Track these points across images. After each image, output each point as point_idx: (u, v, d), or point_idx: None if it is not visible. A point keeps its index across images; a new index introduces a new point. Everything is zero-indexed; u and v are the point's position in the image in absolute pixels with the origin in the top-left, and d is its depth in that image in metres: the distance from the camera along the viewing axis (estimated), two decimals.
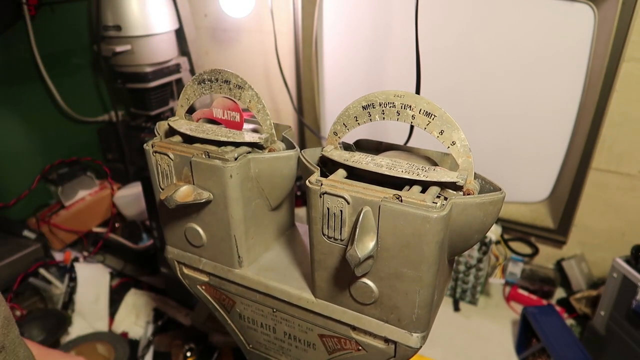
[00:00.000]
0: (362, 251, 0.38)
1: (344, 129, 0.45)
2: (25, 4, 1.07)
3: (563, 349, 0.82)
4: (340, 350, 0.50)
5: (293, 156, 0.49)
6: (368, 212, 0.38)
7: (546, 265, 1.13)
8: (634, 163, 0.93)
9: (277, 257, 0.55)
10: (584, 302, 0.98)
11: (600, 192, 0.99)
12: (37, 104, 1.18)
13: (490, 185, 0.41)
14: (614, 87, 0.88)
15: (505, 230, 1.13)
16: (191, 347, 0.90)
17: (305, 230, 0.61)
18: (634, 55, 0.85)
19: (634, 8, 0.81)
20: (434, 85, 1.04)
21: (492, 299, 1.08)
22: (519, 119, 1.04)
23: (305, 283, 0.50)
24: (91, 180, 1.27)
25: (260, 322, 0.56)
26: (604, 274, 0.93)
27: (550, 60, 0.96)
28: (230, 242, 0.51)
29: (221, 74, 0.50)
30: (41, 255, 1.06)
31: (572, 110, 0.98)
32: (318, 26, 1.18)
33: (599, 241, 1.05)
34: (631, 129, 0.91)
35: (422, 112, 0.40)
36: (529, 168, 1.09)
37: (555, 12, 0.92)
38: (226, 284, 0.55)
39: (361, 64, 1.18)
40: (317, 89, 1.26)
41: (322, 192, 0.40)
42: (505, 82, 1.02)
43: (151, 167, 0.52)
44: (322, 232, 0.42)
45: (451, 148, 0.40)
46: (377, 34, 1.12)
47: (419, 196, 0.37)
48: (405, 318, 0.43)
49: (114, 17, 1.13)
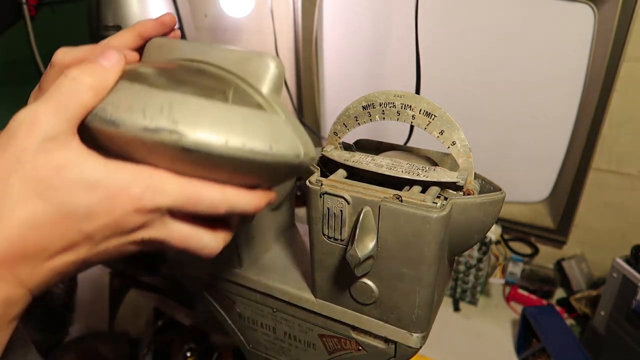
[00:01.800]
0: (362, 251, 0.38)
1: (344, 129, 0.45)
2: (25, 4, 1.07)
3: (563, 349, 0.82)
4: (340, 350, 0.50)
5: None
6: (368, 212, 0.38)
7: (546, 265, 1.13)
8: (634, 163, 0.93)
9: (277, 257, 0.55)
10: (584, 302, 0.98)
11: (600, 192, 0.99)
12: None
13: (490, 185, 0.41)
14: (614, 87, 0.88)
15: (505, 230, 1.13)
16: (191, 347, 0.90)
17: (306, 230, 0.61)
18: (634, 55, 0.85)
19: (634, 8, 0.81)
20: (434, 85, 1.04)
21: (492, 299, 1.08)
22: (519, 119, 1.04)
23: (305, 283, 0.50)
24: None
25: (260, 322, 0.56)
26: (604, 274, 0.93)
27: (550, 60, 0.96)
28: (230, 242, 0.51)
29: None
30: None
31: (572, 110, 0.98)
32: (318, 26, 1.18)
33: (599, 241, 1.05)
34: (631, 129, 0.91)
35: (422, 112, 0.40)
36: (529, 168, 1.09)
37: (555, 12, 0.92)
38: (226, 284, 0.55)
39: (361, 63, 1.18)
40: (317, 89, 1.26)
41: (322, 192, 0.40)
42: (505, 82, 1.02)
43: None
44: (322, 232, 0.42)
45: (451, 148, 0.40)
46: (377, 34, 1.12)
47: (419, 196, 0.37)
48: (405, 318, 0.43)
49: (114, 17, 1.13)
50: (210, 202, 0.28)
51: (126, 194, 0.27)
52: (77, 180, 0.26)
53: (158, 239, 0.29)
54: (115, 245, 0.28)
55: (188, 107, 0.26)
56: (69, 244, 0.27)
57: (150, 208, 0.27)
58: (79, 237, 0.27)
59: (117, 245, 0.28)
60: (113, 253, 0.29)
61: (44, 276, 0.27)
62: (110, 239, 0.28)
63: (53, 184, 0.26)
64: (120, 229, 0.27)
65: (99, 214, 0.26)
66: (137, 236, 0.29)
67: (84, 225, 0.27)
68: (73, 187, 0.26)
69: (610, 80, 0.88)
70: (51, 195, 0.26)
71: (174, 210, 0.28)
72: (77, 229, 0.26)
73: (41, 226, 0.26)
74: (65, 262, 0.27)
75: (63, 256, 0.27)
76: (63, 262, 0.27)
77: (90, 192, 0.26)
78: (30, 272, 0.27)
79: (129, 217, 0.27)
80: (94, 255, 0.28)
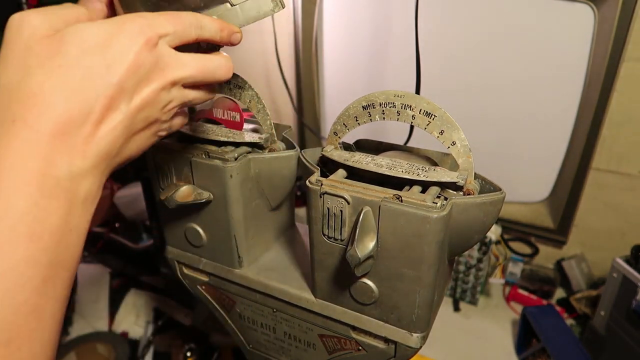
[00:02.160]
0: (362, 251, 0.38)
1: (344, 129, 0.45)
2: (25, 4, 1.07)
3: (563, 349, 0.82)
4: (340, 350, 0.50)
5: (293, 156, 0.49)
6: (368, 212, 0.38)
7: (546, 265, 1.13)
8: (634, 163, 0.93)
9: (277, 257, 0.55)
10: (584, 302, 0.98)
11: (600, 192, 0.99)
12: None
13: (490, 185, 0.41)
14: (614, 87, 0.88)
15: (505, 230, 1.13)
16: (191, 347, 0.90)
17: (306, 230, 0.61)
18: (634, 55, 0.85)
19: (634, 8, 0.81)
20: (434, 85, 1.04)
21: (492, 299, 1.08)
22: (519, 118, 1.04)
23: (305, 283, 0.50)
24: None
25: (260, 322, 0.56)
26: (604, 274, 0.93)
27: (550, 60, 0.96)
28: (230, 242, 0.51)
29: None
30: None
31: (572, 110, 0.98)
32: (318, 26, 1.18)
33: (599, 241, 1.05)
34: (631, 129, 0.91)
35: (422, 112, 0.40)
36: (529, 168, 1.09)
37: (555, 12, 0.92)
38: (226, 284, 0.55)
39: (361, 63, 1.19)
40: (317, 89, 1.26)
41: (322, 192, 0.40)
42: (505, 82, 1.02)
43: (150, 166, 0.52)
44: (322, 232, 0.42)
45: (451, 148, 0.40)
46: (377, 34, 1.12)
47: (419, 196, 0.37)
48: (405, 318, 0.43)
49: None
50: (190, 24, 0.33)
51: (129, 36, 0.29)
52: (84, 40, 0.29)
53: (180, 76, 0.32)
54: (148, 94, 0.31)
55: None
56: (106, 101, 0.29)
57: (150, 36, 0.30)
58: (112, 90, 0.29)
59: (150, 94, 0.31)
60: (151, 114, 0.32)
61: (100, 143, 0.30)
62: (140, 86, 0.30)
63: (67, 51, 0.29)
64: (140, 70, 0.30)
65: (115, 62, 0.29)
66: (165, 78, 0.32)
67: (110, 77, 0.29)
68: (83, 47, 0.29)
69: (610, 80, 0.88)
70: (67, 60, 0.28)
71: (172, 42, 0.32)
72: (105, 83, 0.29)
73: (75, 90, 0.28)
74: (113, 126, 0.30)
75: (109, 119, 0.30)
76: (112, 125, 0.30)
77: (101, 49, 0.29)
78: (85, 140, 0.29)
79: (143, 57, 0.30)
80: (136, 113, 0.31)
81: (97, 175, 0.31)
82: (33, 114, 0.27)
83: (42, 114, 0.27)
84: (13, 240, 0.27)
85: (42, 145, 0.27)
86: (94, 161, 0.30)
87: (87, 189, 0.30)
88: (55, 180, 0.28)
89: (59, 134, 0.28)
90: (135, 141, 0.33)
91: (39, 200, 0.27)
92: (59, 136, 0.28)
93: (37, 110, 0.27)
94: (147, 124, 0.33)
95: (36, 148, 0.27)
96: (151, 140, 0.35)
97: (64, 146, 0.28)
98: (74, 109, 0.28)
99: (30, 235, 0.27)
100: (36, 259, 0.27)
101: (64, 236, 0.29)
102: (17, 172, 0.27)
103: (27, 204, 0.27)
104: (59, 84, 0.28)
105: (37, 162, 0.27)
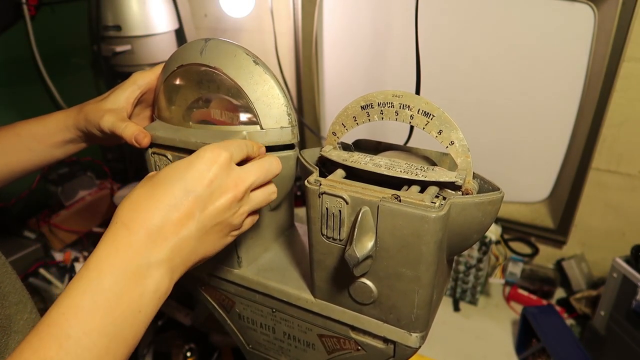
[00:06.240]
0: (360, 251, 0.38)
1: (343, 129, 0.45)
2: (25, 4, 1.07)
3: (563, 349, 0.82)
4: (340, 350, 0.50)
5: (292, 156, 0.49)
6: (367, 212, 0.38)
7: (546, 265, 1.13)
8: (634, 163, 0.93)
9: (277, 257, 0.55)
10: (584, 302, 0.98)
11: (600, 192, 0.99)
12: (37, 104, 1.18)
13: (489, 185, 0.41)
14: (614, 87, 0.88)
15: (505, 230, 1.13)
16: (191, 347, 0.90)
17: (305, 230, 0.61)
18: (634, 55, 0.85)
19: (634, 8, 0.81)
20: (434, 85, 1.04)
21: (492, 299, 1.08)
22: (518, 118, 1.04)
23: (304, 283, 0.50)
24: (91, 180, 1.27)
25: (260, 322, 0.56)
26: (604, 274, 0.93)
27: (550, 60, 0.96)
28: (230, 243, 0.51)
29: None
30: (41, 255, 1.06)
31: (572, 110, 0.98)
32: (318, 26, 1.18)
33: (599, 241, 1.05)
34: (631, 129, 0.91)
35: (421, 112, 0.40)
36: (529, 168, 1.09)
37: (555, 12, 0.92)
38: (225, 284, 0.55)
39: (361, 64, 1.19)
40: (317, 89, 1.26)
41: (320, 192, 0.40)
42: (505, 82, 1.02)
43: (150, 166, 0.52)
44: (321, 232, 0.42)
45: (450, 148, 0.40)
46: (377, 34, 1.12)
47: (417, 196, 0.37)
48: (404, 318, 0.43)
49: (114, 17, 1.13)
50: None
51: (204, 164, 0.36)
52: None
53: (250, 183, 0.38)
54: (222, 204, 0.36)
55: None
56: (185, 210, 0.35)
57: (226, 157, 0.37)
58: (188, 201, 0.35)
59: (224, 203, 0.36)
60: (224, 219, 0.37)
61: (173, 240, 0.35)
62: (212, 200, 0.36)
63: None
64: (214, 184, 0.36)
65: (194, 184, 0.36)
66: (238, 189, 0.37)
67: (188, 189, 0.35)
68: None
69: (610, 80, 0.88)
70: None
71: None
72: (182, 192, 0.35)
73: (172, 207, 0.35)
74: (187, 235, 0.35)
75: (184, 226, 0.35)
76: (185, 234, 0.35)
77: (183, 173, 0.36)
78: (164, 238, 0.35)
79: (219, 180, 0.36)
80: (206, 225, 0.36)
81: (168, 269, 0.35)
82: (133, 219, 0.34)
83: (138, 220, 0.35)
84: (93, 310, 0.31)
85: (135, 241, 0.34)
86: (168, 255, 0.35)
87: (158, 280, 0.35)
88: (136, 266, 0.33)
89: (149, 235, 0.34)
90: (210, 242, 0.38)
91: (120, 280, 0.32)
92: (149, 236, 0.34)
93: (136, 216, 0.35)
94: (221, 227, 0.38)
95: (130, 242, 0.34)
96: (226, 241, 0.40)
97: (149, 242, 0.34)
98: (168, 225, 0.35)
99: (106, 308, 0.32)
100: (106, 331, 0.31)
101: (132, 315, 0.33)
102: (111, 259, 0.33)
103: (110, 282, 0.32)
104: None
105: (127, 253, 0.33)
